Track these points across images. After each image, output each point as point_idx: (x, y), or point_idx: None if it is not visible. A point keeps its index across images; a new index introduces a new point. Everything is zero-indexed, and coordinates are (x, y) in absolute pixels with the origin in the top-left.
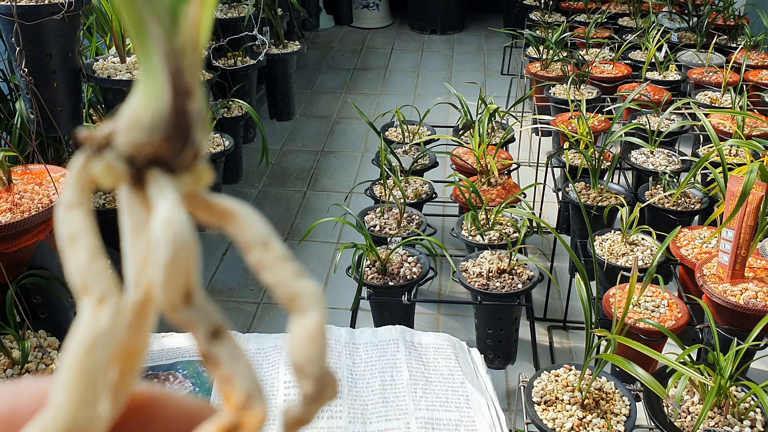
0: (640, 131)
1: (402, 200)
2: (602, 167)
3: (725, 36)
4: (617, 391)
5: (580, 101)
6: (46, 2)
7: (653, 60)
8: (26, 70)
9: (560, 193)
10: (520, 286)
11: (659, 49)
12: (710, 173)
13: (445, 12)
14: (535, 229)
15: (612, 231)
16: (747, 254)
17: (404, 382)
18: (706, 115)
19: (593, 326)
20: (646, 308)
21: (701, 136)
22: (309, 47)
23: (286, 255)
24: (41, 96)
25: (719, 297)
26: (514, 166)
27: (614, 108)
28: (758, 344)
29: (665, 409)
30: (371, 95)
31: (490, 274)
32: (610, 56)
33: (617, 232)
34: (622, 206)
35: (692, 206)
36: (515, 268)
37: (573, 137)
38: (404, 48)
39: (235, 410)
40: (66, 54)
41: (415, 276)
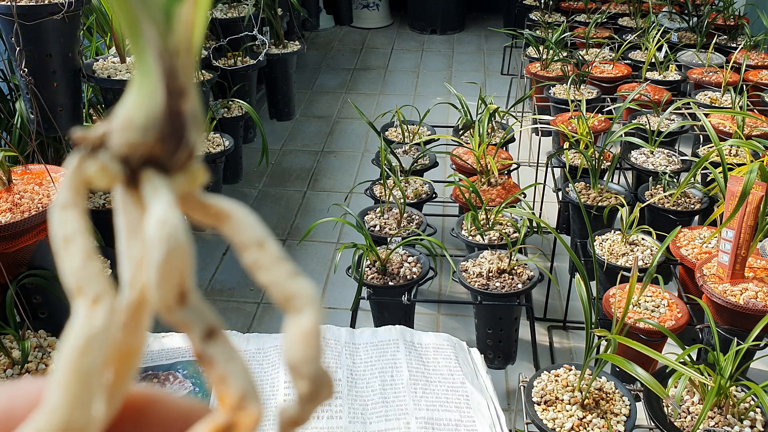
0: (640, 131)
1: (402, 200)
2: (602, 167)
3: (725, 36)
4: (617, 391)
5: (580, 101)
6: (46, 2)
7: (653, 60)
8: (26, 70)
9: (560, 193)
10: (520, 286)
11: (659, 49)
12: (710, 173)
13: (445, 12)
14: (535, 229)
15: (612, 231)
16: (747, 254)
17: (404, 382)
18: (706, 115)
19: (593, 326)
20: (646, 308)
21: (701, 136)
22: (309, 47)
23: (282, 255)
24: (41, 96)
25: (719, 297)
26: (514, 166)
27: (614, 108)
28: (758, 344)
29: (665, 409)
30: (371, 95)
31: (490, 274)
32: (610, 56)
33: (617, 232)
34: (622, 206)
35: (692, 206)
36: (515, 268)
37: (573, 137)
38: (404, 48)
39: (230, 410)
40: (66, 54)
41: (415, 276)
